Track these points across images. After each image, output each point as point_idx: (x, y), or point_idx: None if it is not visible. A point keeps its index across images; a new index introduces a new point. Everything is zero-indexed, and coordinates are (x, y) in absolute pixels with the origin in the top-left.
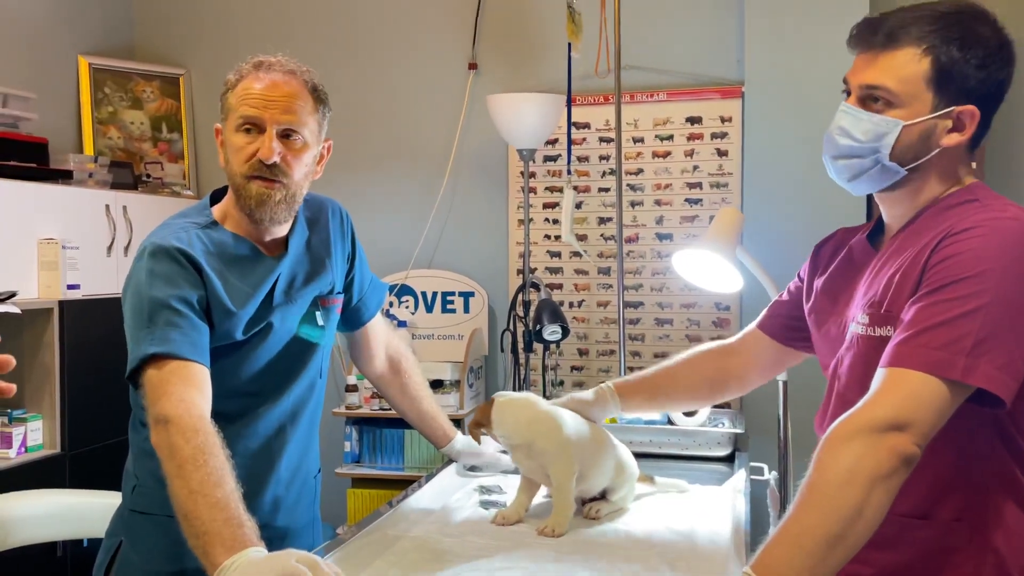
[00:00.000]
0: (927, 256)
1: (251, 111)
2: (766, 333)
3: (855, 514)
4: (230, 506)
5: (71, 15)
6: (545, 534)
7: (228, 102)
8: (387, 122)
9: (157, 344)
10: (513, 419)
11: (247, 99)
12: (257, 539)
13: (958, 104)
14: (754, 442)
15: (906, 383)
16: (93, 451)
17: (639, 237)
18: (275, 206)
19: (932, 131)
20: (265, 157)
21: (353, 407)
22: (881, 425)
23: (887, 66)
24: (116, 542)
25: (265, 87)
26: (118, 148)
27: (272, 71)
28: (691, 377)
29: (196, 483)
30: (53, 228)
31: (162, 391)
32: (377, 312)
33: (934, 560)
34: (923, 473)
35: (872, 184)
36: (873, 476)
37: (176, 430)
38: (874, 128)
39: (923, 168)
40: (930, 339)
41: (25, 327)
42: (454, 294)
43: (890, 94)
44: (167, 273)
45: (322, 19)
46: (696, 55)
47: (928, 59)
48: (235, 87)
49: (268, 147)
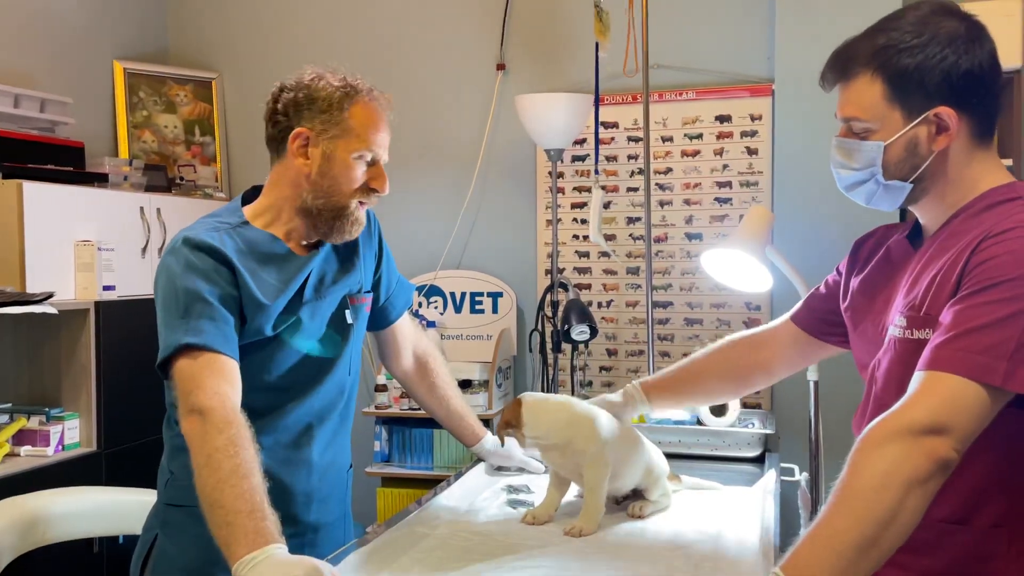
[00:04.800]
0: (967, 258)
1: (378, 150)
2: (800, 326)
3: (889, 519)
4: (255, 498)
5: (107, 21)
6: (572, 534)
7: (344, 122)
8: (416, 123)
9: (192, 335)
10: (550, 419)
11: (376, 137)
12: (279, 534)
13: (930, 108)
14: (785, 443)
15: (945, 387)
16: (128, 449)
17: (668, 237)
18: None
19: (916, 141)
20: (384, 191)
21: (383, 407)
22: (919, 428)
23: (850, 97)
24: (152, 536)
25: (381, 124)
26: (152, 151)
27: (379, 102)
28: (717, 371)
29: (225, 473)
30: (89, 230)
31: (195, 383)
32: (404, 312)
33: (972, 566)
34: (962, 478)
35: (890, 201)
36: (909, 480)
37: (209, 421)
38: (862, 155)
39: (929, 175)
40: (970, 343)
41: (62, 327)
42: (483, 294)
43: (862, 122)
44: (201, 266)
45: (351, 22)
46: (725, 53)
47: (879, 79)
48: (349, 108)
49: (385, 181)
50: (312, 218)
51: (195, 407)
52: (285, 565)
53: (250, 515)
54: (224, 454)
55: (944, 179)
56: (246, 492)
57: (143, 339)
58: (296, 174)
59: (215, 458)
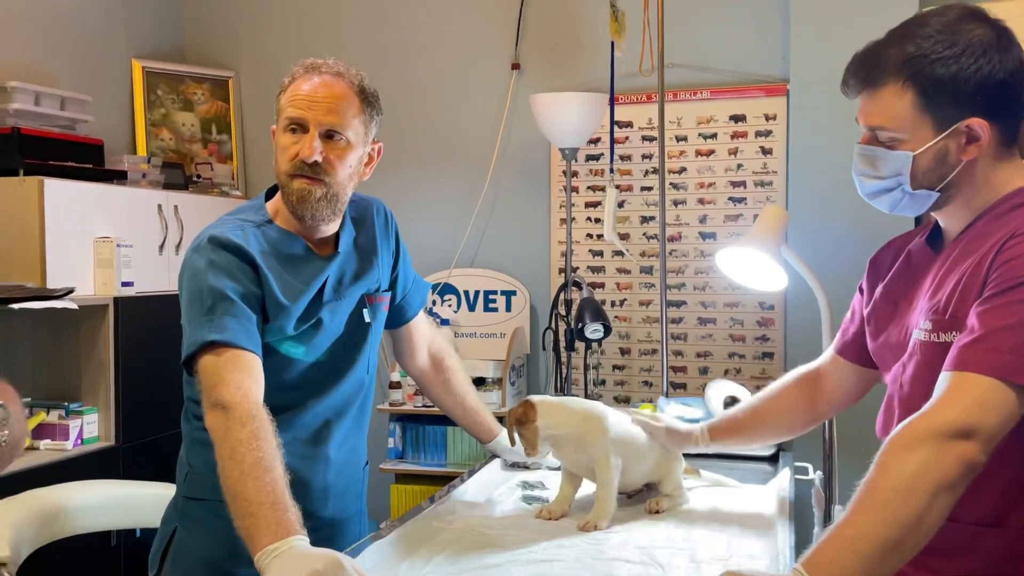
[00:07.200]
0: (992, 258)
1: (296, 112)
2: (848, 359)
3: (916, 523)
4: (277, 490)
5: (125, 20)
6: (587, 529)
7: (279, 104)
8: (431, 122)
9: (216, 332)
10: (564, 415)
11: (294, 100)
12: (300, 526)
13: (962, 118)
14: (798, 442)
15: (973, 388)
16: (146, 443)
17: (682, 236)
18: (316, 203)
19: (946, 151)
20: (305, 156)
21: (397, 404)
22: (948, 432)
23: (876, 107)
24: (171, 528)
25: (311, 88)
26: (169, 149)
27: (321, 73)
28: (781, 419)
29: (248, 465)
30: (108, 227)
31: (219, 377)
32: (420, 310)
33: (1005, 569)
34: (994, 480)
35: (915, 208)
36: (938, 485)
37: (233, 415)
38: (888, 164)
39: (956, 183)
40: (997, 343)
41: (82, 323)
42: (496, 293)
43: (890, 131)
44: (225, 265)
45: (367, 21)
46: (740, 53)
47: (910, 90)
48: (286, 89)
49: (309, 146)
50: (286, 207)
51: (219, 401)
52: (307, 556)
53: (272, 507)
54: (247, 447)
55: (971, 186)
56: (268, 484)
57: (161, 334)
58: None
59: (238, 451)
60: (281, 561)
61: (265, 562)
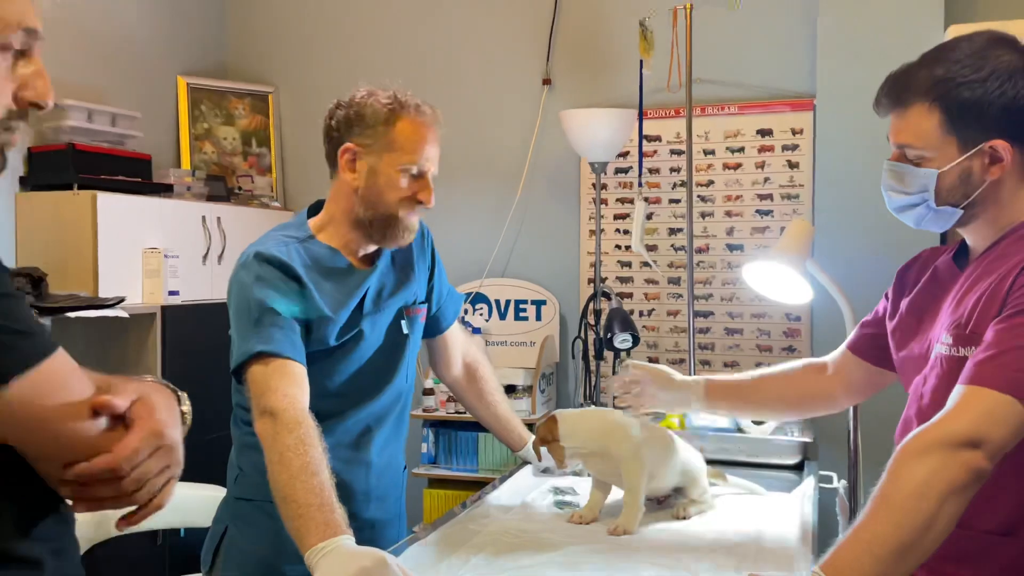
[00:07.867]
0: (1013, 278)
1: (422, 162)
2: (859, 356)
3: (927, 526)
4: (324, 492)
5: (171, 39)
6: (616, 533)
7: (389, 137)
8: (464, 136)
9: (263, 343)
10: (585, 428)
11: (416, 149)
12: (346, 526)
13: (986, 139)
14: (823, 451)
15: (983, 401)
16: (193, 445)
17: (709, 248)
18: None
19: (970, 171)
20: (428, 203)
21: (430, 410)
22: (957, 441)
23: (905, 125)
24: (223, 527)
25: (422, 137)
26: (212, 162)
27: (426, 117)
28: (779, 391)
29: (296, 469)
30: (156, 238)
31: (267, 386)
32: (454, 321)
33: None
34: (1007, 490)
35: (940, 224)
36: (947, 490)
37: (280, 422)
38: (915, 180)
39: (979, 201)
40: (1009, 360)
41: (130, 330)
42: (527, 302)
43: (917, 149)
44: (270, 279)
45: (403, 38)
46: (767, 68)
47: (937, 110)
48: (394, 124)
49: (430, 193)
50: (365, 228)
51: (267, 409)
52: (354, 554)
53: (320, 508)
54: (294, 452)
55: (995, 205)
56: (316, 487)
57: (205, 341)
58: (347, 187)
59: (286, 456)
60: (330, 559)
61: (315, 560)
